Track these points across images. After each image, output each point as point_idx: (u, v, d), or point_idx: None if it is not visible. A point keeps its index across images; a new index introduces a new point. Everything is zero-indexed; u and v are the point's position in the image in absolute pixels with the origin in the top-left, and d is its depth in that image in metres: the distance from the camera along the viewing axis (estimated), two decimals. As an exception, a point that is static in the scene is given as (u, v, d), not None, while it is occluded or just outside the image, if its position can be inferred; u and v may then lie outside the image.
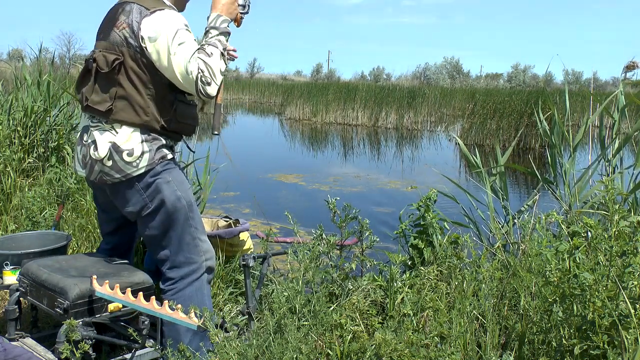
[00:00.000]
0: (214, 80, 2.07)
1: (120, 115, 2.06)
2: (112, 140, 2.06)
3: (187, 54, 2.02)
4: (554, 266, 1.85)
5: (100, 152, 2.07)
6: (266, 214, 5.75)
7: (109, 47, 2.08)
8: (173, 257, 2.17)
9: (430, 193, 2.84)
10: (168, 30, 2.03)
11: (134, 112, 2.06)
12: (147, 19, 2.04)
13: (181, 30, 2.05)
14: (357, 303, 2.11)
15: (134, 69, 2.05)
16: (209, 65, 2.05)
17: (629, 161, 3.48)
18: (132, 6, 2.08)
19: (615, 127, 3.32)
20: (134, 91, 2.06)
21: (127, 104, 2.06)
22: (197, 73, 2.02)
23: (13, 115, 4.67)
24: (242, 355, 1.72)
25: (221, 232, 3.02)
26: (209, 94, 2.06)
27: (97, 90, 2.09)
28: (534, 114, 12.21)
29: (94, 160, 2.09)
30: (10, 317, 2.17)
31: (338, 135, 16.29)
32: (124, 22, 2.07)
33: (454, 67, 62.22)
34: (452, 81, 55.86)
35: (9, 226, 3.75)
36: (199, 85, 2.03)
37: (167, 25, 2.04)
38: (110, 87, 2.06)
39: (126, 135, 2.06)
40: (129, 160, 2.06)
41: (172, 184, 2.14)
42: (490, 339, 1.89)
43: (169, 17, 2.06)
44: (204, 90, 2.05)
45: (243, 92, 33.00)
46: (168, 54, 2.01)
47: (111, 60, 2.05)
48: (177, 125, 2.15)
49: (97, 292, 1.96)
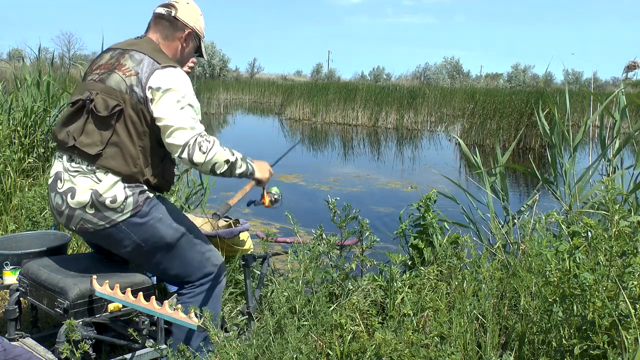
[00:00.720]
0: (208, 153, 1.97)
1: (108, 162, 1.98)
2: (93, 187, 1.98)
3: (193, 117, 1.99)
4: (554, 266, 1.85)
5: (80, 199, 1.98)
6: (266, 214, 5.75)
7: (110, 92, 2.00)
8: (188, 278, 2.15)
9: (430, 193, 2.84)
10: (181, 87, 2.00)
11: (124, 161, 1.99)
12: (160, 72, 2.00)
13: (192, 95, 2.03)
14: (357, 303, 2.11)
15: (133, 119, 1.98)
16: (209, 141, 1.99)
17: (629, 161, 3.48)
18: (143, 56, 2.03)
19: (616, 126, 3.32)
20: (128, 140, 1.98)
21: (119, 151, 1.98)
22: (196, 135, 1.96)
23: (13, 115, 4.67)
24: (242, 355, 1.72)
25: (221, 232, 3.02)
26: (193, 159, 1.95)
27: (88, 132, 2.00)
28: (534, 114, 12.21)
29: (72, 208, 2.00)
30: (10, 317, 2.17)
31: (338, 135, 16.29)
32: (132, 70, 2.01)
33: (454, 67, 62.23)
34: (452, 81, 55.87)
35: (9, 226, 3.75)
36: (190, 147, 1.94)
37: (181, 83, 2.01)
38: (104, 131, 1.98)
39: (109, 183, 1.98)
40: (113, 206, 1.98)
41: (165, 219, 2.08)
42: (490, 339, 1.89)
43: (183, 76, 2.04)
44: (192, 152, 1.94)
45: (243, 92, 32.99)
46: (175, 106, 1.96)
47: (112, 106, 1.97)
48: (160, 181, 2.10)
49: (97, 292, 1.96)
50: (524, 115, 13.67)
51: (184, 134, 1.95)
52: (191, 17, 2.18)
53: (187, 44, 2.19)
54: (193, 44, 2.22)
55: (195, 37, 2.22)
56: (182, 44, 2.18)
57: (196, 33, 2.21)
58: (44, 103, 4.85)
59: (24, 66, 5.56)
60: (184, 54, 2.21)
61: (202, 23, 2.24)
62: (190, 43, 2.21)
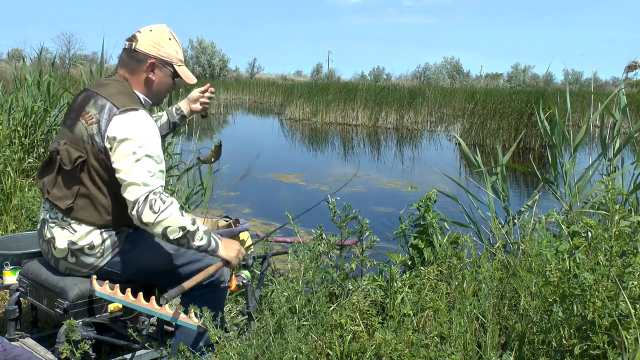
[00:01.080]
0: (160, 213, 1.85)
1: (80, 214, 1.96)
2: (69, 238, 1.97)
3: (149, 170, 1.88)
4: (554, 266, 1.85)
5: (60, 250, 1.99)
6: (266, 214, 5.76)
7: (74, 142, 1.96)
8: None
9: (430, 193, 2.84)
10: (139, 135, 1.90)
11: (96, 211, 1.96)
12: (117, 118, 1.91)
13: (153, 143, 1.92)
14: (357, 303, 2.11)
15: (97, 168, 1.93)
16: (164, 201, 1.87)
17: (629, 161, 3.48)
18: (105, 102, 1.95)
19: (617, 126, 3.32)
20: (96, 191, 1.95)
21: (89, 203, 1.95)
22: (148, 192, 1.86)
23: (13, 115, 4.67)
24: (242, 355, 1.72)
25: (221, 232, 3.02)
26: (141, 217, 1.85)
27: (59, 185, 1.99)
28: (534, 114, 12.20)
29: (55, 257, 2.02)
30: (10, 317, 2.17)
31: (338, 135, 16.29)
32: (93, 117, 1.94)
33: (454, 67, 62.20)
34: (452, 81, 55.84)
35: (9, 226, 3.75)
36: (139, 204, 1.84)
37: (139, 130, 1.91)
38: (73, 184, 1.96)
39: (83, 232, 1.97)
40: (92, 252, 1.98)
41: (151, 248, 2.06)
42: (490, 339, 1.88)
43: (142, 121, 1.93)
44: (141, 210, 1.84)
45: (243, 92, 32.99)
46: (130, 159, 1.87)
47: (74, 158, 1.93)
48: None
49: (97, 292, 1.96)
50: (524, 115, 13.68)
51: (135, 190, 1.86)
52: (153, 45, 2.05)
53: (154, 75, 2.07)
54: (163, 73, 2.09)
55: (164, 65, 2.07)
56: (149, 75, 2.06)
57: (164, 61, 2.07)
58: (44, 103, 4.84)
59: (24, 66, 5.55)
60: (156, 87, 2.10)
61: (170, 48, 2.08)
62: (159, 73, 2.08)
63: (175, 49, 2.10)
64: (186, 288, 1.86)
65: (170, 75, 2.11)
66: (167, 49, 2.07)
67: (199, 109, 2.45)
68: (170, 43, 2.09)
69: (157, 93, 2.13)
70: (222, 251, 2.01)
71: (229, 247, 2.04)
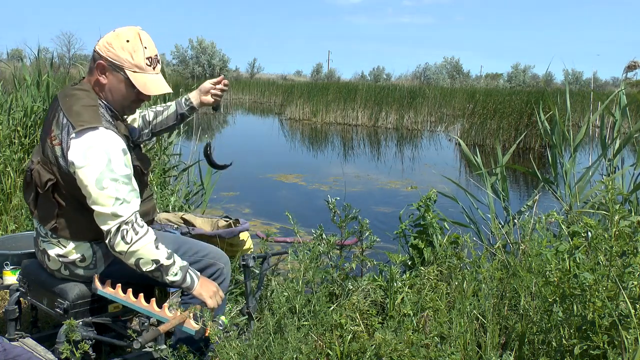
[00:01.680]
0: (132, 244, 1.80)
1: (65, 233, 1.93)
2: (60, 253, 1.96)
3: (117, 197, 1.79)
4: (554, 266, 1.85)
5: (52, 265, 2.00)
6: (266, 214, 5.76)
7: (44, 162, 1.90)
8: None
9: (430, 193, 2.84)
10: (98, 160, 1.78)
11: (78, 229, 1.93)
12: (74, 142, 1.80)
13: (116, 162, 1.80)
14: (357, 303, 2.11)
15: (68, 189, 1.87)
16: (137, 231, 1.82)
17: (629, 161, 3.48)
18: (66, 122, 1.84)
19: (617, 126, 3.32)
20: (73, 211, 1.90)
21: (70, 222, 1.92)
22: (120, 222, 1.80)
23: (13, 115, 4.67)
24: (242, 355, 1.72)
25: (221, 232, 3.02)
26: (114, 247, 1.81)
27: (40, 206, 1.96)
28: (534, 114, 12.19)
29: (51, 269, 2.02)
30: (10, 317, 2.17)
31: (338, 135, 16.29)
32: (57, 138, 1.86)
33: (454, 67, 62.19)
34: (452, 81, 55.82)
35: (9, 226, 3.76)
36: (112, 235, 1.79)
37: (97, 153, 1.79)
38: (50, 205, 1.92)
39: (72, 247, 1.95)
40: (84, 264, 1.97)
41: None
42: (490, 339, 1.88)
43: (100, 142, 1.80)
44: (114, 241, 1.80)
45: (243, 92, 32.99)
46: (93, 188, 1.78)
47: (44, 181, 1.88)
48: None
49: (98, 290, 1.96)
50: (524, 115, 13.68)
51: (107, 221, 1.81)
52: (105, 45, 1.88)
53: (106, 78, 1.91)
54: (115, 77, 1.90)
55: (115, 68, 1.88)
56: (99, 77, 1.91)
57: (113, 64, 1.87)
58: (44, 103, 4.84)
59: (23, 66, 5.55)
60: (110, 91, 1.93)
61: (123, 51, 1.86)
62: (111, 77, 1.90)
63: (131, 52, 1.87)
64: (162, 332, 1.80)
65: (124, 81, 1.90)
66: (118, 51, 1.87)
67: (211, 101, 2.32)
68: (127, 45, 1.87)
69: (114, 100, 1.94)
70: (197, 290, 1.92)
71: (205, 286, 1.94)
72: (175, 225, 3.16)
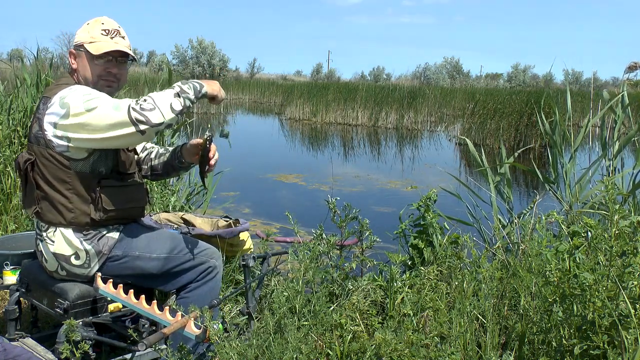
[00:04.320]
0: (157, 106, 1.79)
1: (47, 217, 1.95)
2: (53, 251, 1.97)
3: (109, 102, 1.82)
4: (554, 266, 1.85)
5: (50, 265, 2.00)
6: (266, 214, 5.76)
7: (29, 147, 1.98)
8: (185, 283, 2.12)
9: (430, 193, 2.84)
10: (75, 96, 1.85)
11: (58, 212, 1.93)
12: (50, 108, 1.88)
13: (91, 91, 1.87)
14: (357, 303, 2.11)
15: (47, 166, 1.91)
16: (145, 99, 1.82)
17: (629, 161, 3.48)
18: (40, 100, 1.96)
19: (617, 125, 3.32)
20: (51, 190, 1.92)
21: (49, 204, 1.94)
22: (128, 106, 1.78)
23: (13, 115, 4.67)
24: (242, 355, 1.72)
25: (221, 232, 3.02)
26: (152, 123, 1.77)
27: (25, 193, 2.00)
28: (534, 114, 12.18)
29: (49, 270, 2.03)
30: (10, 317, 2.17)
31: (338, 135, 16.29)
32: (34, 118, 1.95)
33: (454, 67, 62.19)
34: (452, 81, 55.83)
35: (9, 226, 3.76)
36: (137, 120, 1.75)
37: (72, 94, 1.86)
38: (32, 189, 1.96)
39: (61, 240, 1.95)
40: (79, 263, 1.97)
41: (141, 254, 2.03)
42: (490, 339, 1.88)
43: (70, 92, 1.88)
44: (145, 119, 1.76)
45: (243, 92, 32.97)
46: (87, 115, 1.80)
47: (23, 162, 1.94)
48: (108, 215, 1.97)
49: (100, 289, 1.96)
50: (524, 115, 13.67)
51: (117, 116, 1.77)
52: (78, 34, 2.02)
53: (75, 63, 2.02)
54: (80, 58, 2.01)
55: (78, 49, 2.00)
56: (72, 65, 2.03)
57: (76, 45, 2.01)
58: (44, 103, 4.84)
59: (23, 66, 5.56)
60: (82, 73, 2.01)
61: (83, 32, 2.00)
62: (79, 60, 2.01)
63: (88, 31, 2.00)
64: (166, 334, 1.78)
65: (87, 57, 1.99)
66: (80, 33, 2.01)
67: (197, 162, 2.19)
68: (86, 27, 2.02)
69: (86, 80, 2.00)
70: (207, 88, 1.96)
71: (210, 85, 1.99)
72: (175, 225, 3.16)
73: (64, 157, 1.90)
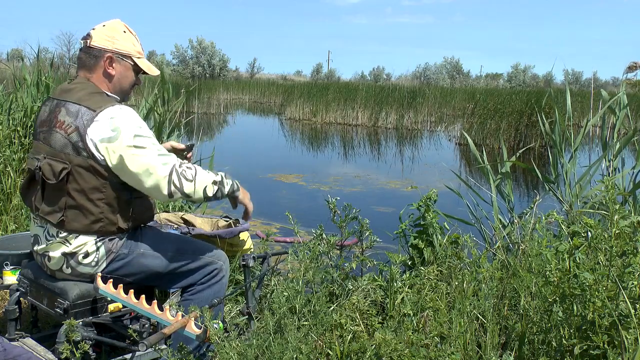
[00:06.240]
0: (195, 180, 1.89)
1: (72, 226, 1.94)
2: (64, 251, 1.96)
3: (158, 150, 1.88)
4: (554, 266, 1.85)
5: (55, 263, 1.99)
6: (266, 214, 5.76)
7: (55, 154, 1.92)
8: (190, 283, 2.12)
9: (430, 193, 2.84)
10: (127, 125, 1.87)
11: (87, 220, 1.93)
12: (97, 120, 1.87)
13: (143, 126, 1.91)
14: (357, 303, 2.11)
15: (83, 175, 1.89)
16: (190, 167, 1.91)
17: (629, 160, 3.48)
18: (77, 107, 1.91)
19: (617, 125, 3.32)
20: (84, 199, 1.91)
21: (79, 213, 1.92)
22: (172, 167, 1.86)
23: (13, 115, 4.67)
24: (242, 355, 1.72)
25: (221, 232, 3.02)
26: (184, 191, 1.87)
27: (47, 199, 1.96)
28: (534, 114, 12.18)
29: (52, 269, 2.02)
30: (10, 317, 2.17)
31: (338, 135, 16.29)
32: (71, 125, 1.89)
33: (454, 67, 62.20)
34: (452, 81, 55.84)
35: (9, 226, 3.76)
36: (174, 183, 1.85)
37: (125, 120, 1.88)
38: (60, 197, 1.93)
39: (79, 243, 1.95)
40: (87, 261, 1.97)
41: (147, 252, 2.04)
42: (490, 339, 1.88)
43: (124, 112, 1.90)
44: (180, 185, 1.86)
45: (243, 92, 32.96)
46: (132, 151, 1.84)
47: (58, 171, 1.90)
48: (134, 222, 2.02)
49: (100, 289, 1.96)
50: (524, 115, 13.68)
51: (160, 171, 1.85)
52: (107, 39, 2.01)
53: (114, 69, 2.02)
54: (123, 66, 2.04)
55: (123, 57, 2.03)
56: (108, 70, 2.01)
57: (121, 54, 2.02)
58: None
59: (23, 66, 5.56)
60: (117, 81, 2.04)
61: (126, 41, 2.04)
62: (118, 67, 2.03)
63: (132, 41, 2.06)
64: (166, 334, 1.78)
65: (131, 68, 2.06)
66: (123, 41, 2.04)
67: None
68: (125, 36, 2.05)
69: (121, 89, 2.06)
70: (240, 194, 2.10)
71: (245, 193, 2.14)
72: (175, 225, 3.16)
73: (104, 168, 1.89)
